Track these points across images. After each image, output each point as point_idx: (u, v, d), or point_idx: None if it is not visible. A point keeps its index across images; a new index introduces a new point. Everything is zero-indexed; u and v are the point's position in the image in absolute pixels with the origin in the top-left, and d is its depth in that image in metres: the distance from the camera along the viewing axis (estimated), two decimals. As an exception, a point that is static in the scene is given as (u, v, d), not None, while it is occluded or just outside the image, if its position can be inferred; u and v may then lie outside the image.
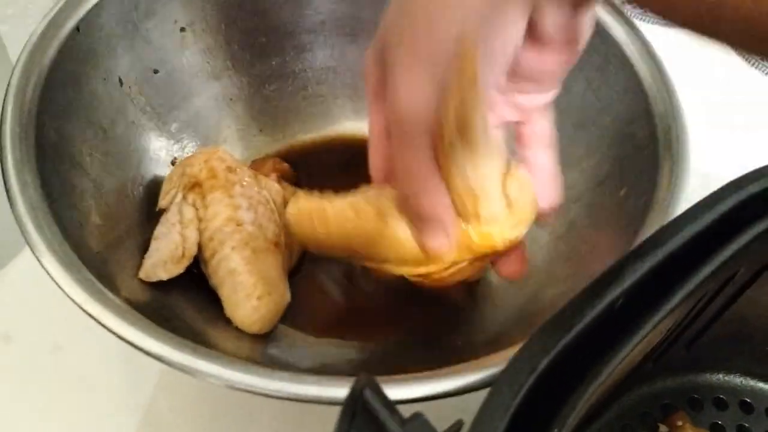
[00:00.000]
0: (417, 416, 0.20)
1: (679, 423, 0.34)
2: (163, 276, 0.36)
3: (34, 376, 0.40)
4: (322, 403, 0.27)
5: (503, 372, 0.21)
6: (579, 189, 0.40)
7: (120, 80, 0.40)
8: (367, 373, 0.21)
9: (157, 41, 0.42)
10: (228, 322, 0.36)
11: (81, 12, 0.38)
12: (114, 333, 0.28)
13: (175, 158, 0.43)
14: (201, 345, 0.28)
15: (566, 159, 0.34)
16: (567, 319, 0.22)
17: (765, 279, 0.31)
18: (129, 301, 0.31)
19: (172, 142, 0.43)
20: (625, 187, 0.37)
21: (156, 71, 0.42)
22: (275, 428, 0.39)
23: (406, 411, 0.20)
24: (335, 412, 0.21)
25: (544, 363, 0.21)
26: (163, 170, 0.42)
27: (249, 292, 0.35)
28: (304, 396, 0.27)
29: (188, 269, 0.37)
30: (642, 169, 0.36)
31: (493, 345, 0.31)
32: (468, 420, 0.21)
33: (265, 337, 0.37)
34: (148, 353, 0.28)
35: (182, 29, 0.43)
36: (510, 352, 0.27)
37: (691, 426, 0.34)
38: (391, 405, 0.20)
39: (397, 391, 0.27)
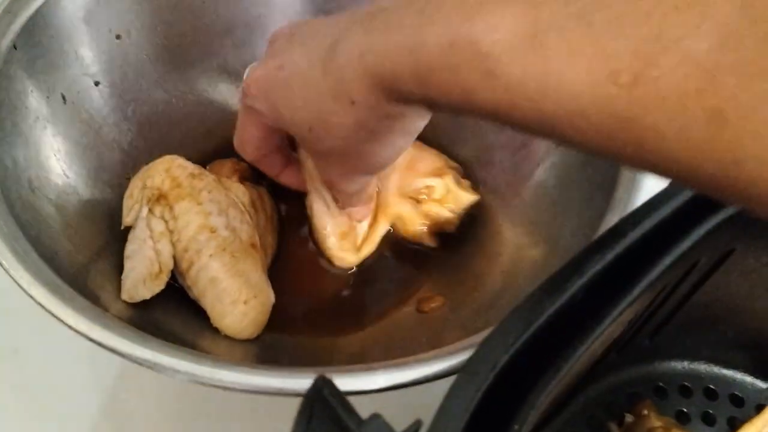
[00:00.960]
0: (375, 417, 0.20)
1: (645, 412, 0.35)
2: (146, 295, 0.35)
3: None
4: (282, 395, 0.27)
5: (463, 370, 0.21)
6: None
7: (63, 97, 0.39)
8: (324, 374, 0.21)
9: (94, 52, 0.41)
10: (216, 331, 0.35)
11: (16, 27, 0.36)
12: (75, 330, 0.28)
13: (129, 174, 0.41)
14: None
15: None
16: (526, 314, 0.22)
17: (726, 267, 0.31)
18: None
19: (125, 155, 0.42)
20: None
21: (97, 83, 0.41)
22: (240, 423, 0.39)
23: (367, 405, 0.20)
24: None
25: (504, 359, 0.21)
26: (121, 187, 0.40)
27: (235, 297, 0.35)
28: (262, 388, 0.27)
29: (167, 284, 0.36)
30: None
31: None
32: (427, 420, 0.20)
33: (254, 342, 0.36)
34: (105, 346, 0.28)
35: (117, 36, 0.41)
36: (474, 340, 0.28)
37: (656, 414, 0.34)
38: (348, 406, 0.20)
39: (354, 382, 0.27)
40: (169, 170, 0.37)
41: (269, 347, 0.36)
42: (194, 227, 0.36)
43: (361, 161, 0.31)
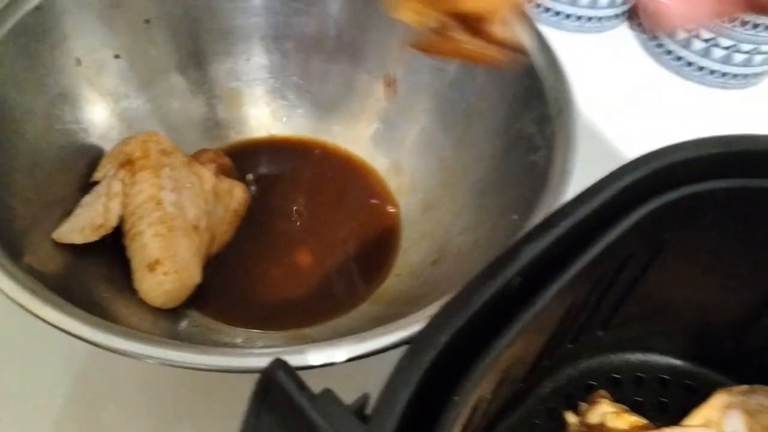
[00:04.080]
0: (326, 392, 0.22)
1: (598, 400, 0.36)
2: (77, 240, 0.39)
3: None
4: (240, 372, 0.29)
5: (407, 349, 0.23)
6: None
7: (78, 60, 0.43)
8: (279, 357, 0.22)
9: (120, 29, 0.44)
10: (135, 294, 0.39)
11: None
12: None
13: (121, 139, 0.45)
14: (99, 315, 0.30)
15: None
16: (467, 296, 0.24)
17: (664, 257, 0.33)
18: (32, 268, 0.33)
19: (123, 124, 0.46)
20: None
21: (117, 56, 0.45)
22: (207, 401, 0.41)
23: (320, 383, 0.22)
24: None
25: (446, 338, 0.23)
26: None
27: (155, 266, 0.38)
28: (222, 367, 0.29)
29: (105, 239, 0.39)
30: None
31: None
32: (368, 386, 0.22)
33: (170, 316, 0.39)
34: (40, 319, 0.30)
35: (147, 21, 0.45)
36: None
37: (609, 401, 0.36)
38: (301, 383, 0.22)
39: (316, 356, 0.29)
40: (145, 142, 0.41)
41: (185, 324, 0.40)
42: (145, 196, 0.39)
43: None
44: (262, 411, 0.21)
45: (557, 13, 0.64)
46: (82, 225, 0.39)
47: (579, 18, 0.63)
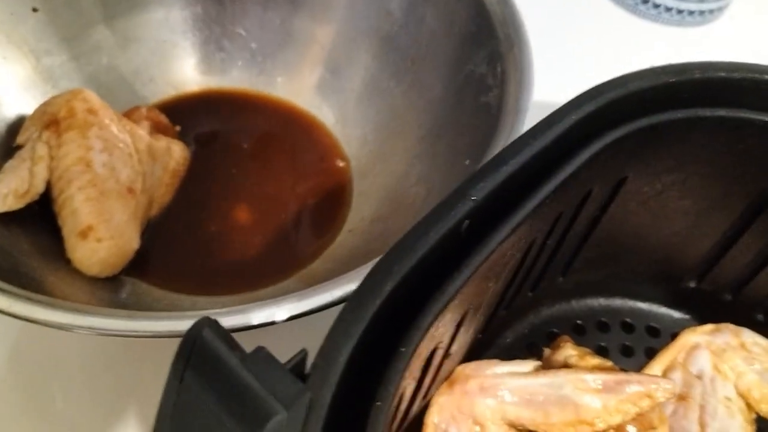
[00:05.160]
0: (259, 350, 0.20)
1: (561, 345, 0.35)
2: (3, 208, 0.36)
3: None
4: (172, 336, 0.27)
5: (348, 299, 0.21)
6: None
7: None
8: (207, 315, 0.20)
9: None
10: (69, 264, 0.36)
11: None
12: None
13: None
14: (32, 289, 0.28)
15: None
16: (412, 242, 0.22)
17: (623, 196, 0.32)
18: None
19: (46, 84, 0.42)
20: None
21: (35, 9, 0.41)
22: (145, 371, 0.39)
23: (251, 341, 0.20)
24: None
25: (388, 287, 0.21)
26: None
27: (88, 233, 0.35)
28: (152, 332, 0.27)
29: (32, 206, 0.37)
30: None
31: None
32: (312, 350, 0.20)
33: (108, 285, 0.37)
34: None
35: None
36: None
37: (572, 345, 0.35)
38: (231, 341, 0.20)
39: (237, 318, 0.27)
40: (70, 101, 0.38)
41: (124, 292, 0.37)
42: (72, 158, 0.36)
43: None
44: (187, 372, 0.19)
45: (656, 6, 0.60)
46: (5, 192, 0.36)
47: (680, 12, 0.59)
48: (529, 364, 0.32)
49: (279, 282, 0.41)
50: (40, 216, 0.37)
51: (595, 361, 0.33)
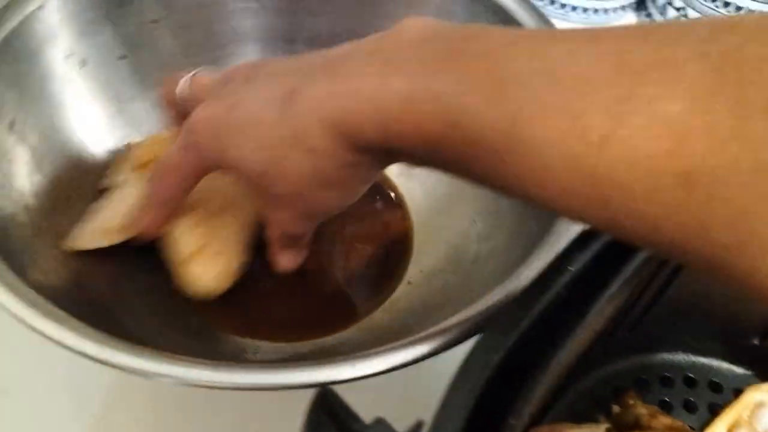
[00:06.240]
0: (379, 422, 0.20)
1: (631, 402, 0.36)
2: (102, 243, 0.36)
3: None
4: (276, 389, 0.27)
5: (457, 371, 0.22)
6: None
7: (83, 61, 0.41)
8: (326, 384, 0.21)
9: (126, 29, 0.43)
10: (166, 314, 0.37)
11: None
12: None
13: (129, 143, 0.43)
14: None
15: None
16: (516, 313, 0.23)
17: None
18: (39, 282, 0.31)
19: (130, 126, 0.44)
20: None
21: (123, 57, 0.43)
22: (236, 422, 0.40)
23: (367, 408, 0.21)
24: (296, 403, 0.21)
25: (497, 358, 0.22)
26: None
27: (193, 257, 0.36)
28: (258, 385, 0.27)
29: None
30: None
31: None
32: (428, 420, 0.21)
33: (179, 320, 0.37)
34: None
35: (153, 21, 0.43)
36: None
37: (642, 404, 0.35)
38: (351, 413, 0.20)
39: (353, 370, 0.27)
40: (152, 146, 0.39)
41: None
42: None
43: (315, 205, 0.30)
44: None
45: (563, 5, 0.63)
46: (107, 226, 0.36)
47: (585, 10, 0.63)
48: (600, 428, 0.33)
49: (339, 332, 0.41)
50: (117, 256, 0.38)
51: (666, 420, 0.34)
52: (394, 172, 0.47)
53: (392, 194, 0.47)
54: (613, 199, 0.18)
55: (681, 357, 0.40)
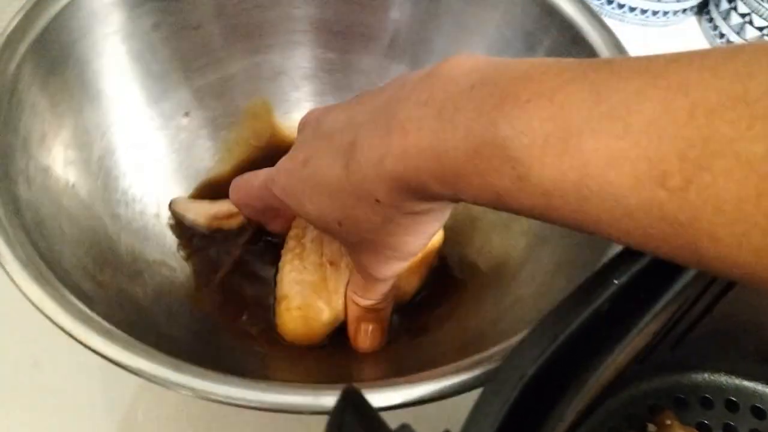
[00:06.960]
0: (404, 428, 0.20)
1: (668, 422, 0.34)
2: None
3: (13, 393, 0.40)
4: (302, 412, 0.26)
5: (491, 380, 0.21)
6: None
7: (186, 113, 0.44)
8: (352, 385, 0.21)
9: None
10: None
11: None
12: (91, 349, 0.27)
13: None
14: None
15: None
16: (553, 326, 0.22)
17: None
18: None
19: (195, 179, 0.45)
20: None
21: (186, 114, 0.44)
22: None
23: (393, 417, 0.20)
24: (319, 423, 0.20)
25: (531, 371, 0.21)
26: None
27: (282, 301, 0.37)
28: (279, 406, 0.26)
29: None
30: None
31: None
32: (455, 430, 0.20)
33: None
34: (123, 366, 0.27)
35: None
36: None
37: (680, 424, 0.34)
38: (377, 417, 0.20)
39: (381, 397, 0.26)
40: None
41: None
42: (291, 234, 0.39)
43: (394, 250, 0.30)
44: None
45: (621, 6, 0.61)
46: (213, 212, 0.41)
47: (644, 11, 0.61)
48: None
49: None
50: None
51: (705, 444, 0.32)
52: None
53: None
54: (702, 243, 0.17)
55: (724, 378, 0.38)
